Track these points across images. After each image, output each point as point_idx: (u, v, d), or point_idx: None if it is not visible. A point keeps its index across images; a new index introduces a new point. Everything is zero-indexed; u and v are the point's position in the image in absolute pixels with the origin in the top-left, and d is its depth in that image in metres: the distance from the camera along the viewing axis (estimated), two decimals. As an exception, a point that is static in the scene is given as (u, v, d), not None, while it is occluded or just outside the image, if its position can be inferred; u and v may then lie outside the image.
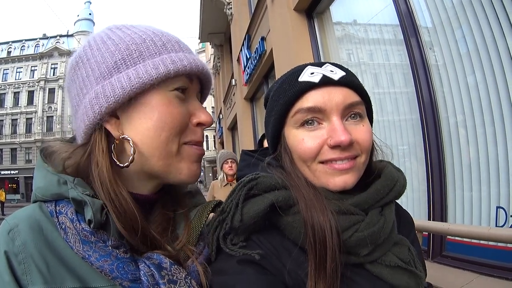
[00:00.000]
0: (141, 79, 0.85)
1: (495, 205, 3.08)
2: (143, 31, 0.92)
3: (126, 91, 0.84)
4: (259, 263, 0.87)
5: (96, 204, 0.80)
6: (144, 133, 0.87)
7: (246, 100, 12.40)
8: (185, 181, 0.96)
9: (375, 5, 4.71)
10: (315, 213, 0.88)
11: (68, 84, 0.95)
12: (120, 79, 0.85)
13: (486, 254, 3.02)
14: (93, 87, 0.87)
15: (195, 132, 0.95)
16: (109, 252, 0.80)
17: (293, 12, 6.33)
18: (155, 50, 0.90)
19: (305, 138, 0.95)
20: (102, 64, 0.88)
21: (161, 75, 0.86)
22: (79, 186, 0.82)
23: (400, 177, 1.02)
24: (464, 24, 3.32)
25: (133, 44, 0.89)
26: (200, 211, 1.00)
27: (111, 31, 0.94)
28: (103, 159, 0.86)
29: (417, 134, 3.87)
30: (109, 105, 0.84)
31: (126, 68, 0.86)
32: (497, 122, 3.06)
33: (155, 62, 0.87)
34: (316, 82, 0.94)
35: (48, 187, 0.85)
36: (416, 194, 3.92)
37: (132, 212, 0.84)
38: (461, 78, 3.39)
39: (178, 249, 0.90)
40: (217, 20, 16.02)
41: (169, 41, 0.93)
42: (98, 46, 0.91)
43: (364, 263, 0.91)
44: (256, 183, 0.93)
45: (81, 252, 0.79)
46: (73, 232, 0.80)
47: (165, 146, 0.89)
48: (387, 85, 4.68)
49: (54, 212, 0.83)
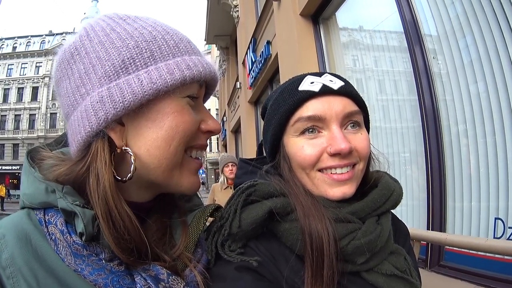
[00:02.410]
0: (155, 85, 0.77)
1: (493, 216, 3.08)
2: (153, 27, 0.84)
3: (138, 97, 0.76)
4: (257, 270, 0.87)
5: (87, 216, 0.74)
6: (152, 143, 0.80)
7: (250, 104, 12.41)
8: (185, 193, 0.93)
9: (380, 12, 4.71)
10: (313, 221, 0.89)
11: (58, 77, 0.85)
12: (130, 83, 0.76)
13: (483, 265, 3.00)
14: (95, 88, 0.78)
15: (200, 137, 0.90)
16: (103, 266, 0.75)
17: (299, 17, 6.34)
18: (168, 51, 0.82)
19: (305, 146, 0.96)
20: (107, 61, 0.78)
21: (177, 82, 0.79)
22: (68, 196, 0.76)
23: (396, 187, 1.03)
24: (468, 34, 3.32)
25: (143, 41, 0.80)
26: (198, 216, 0.94)
27: (113, 21, 0.84)
28: (106, 172, 0.77)
29: (419, 142, 3.87)
30: (116, 112, 0.76)
31: (136, 70, 0.78)
32: (498, 132, 3.06)
33: (169, 66, 0.79)
34: (316, 91, 0.96)
35: (35, 195, 0.79)
36: (416, 202, 3.91)
37: (134, 232, 0.78)
38: (463, 87, 3.39)
39: (175, 257, 0.85)
40: (223, 23, 16.04)
41: (181, 41, 0.85)
42: (100, 38, 0.80)
43: (360, 271, 0.92)
44: (255, 189, 0.94)
45: (73, 265, 0.74)
46: (63, 244, 0.74)
47: (173, 157, 0.82)
48: (390, 92, 4.68)
49: (43, 221, 0.77)
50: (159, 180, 0.84)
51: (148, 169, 0.82)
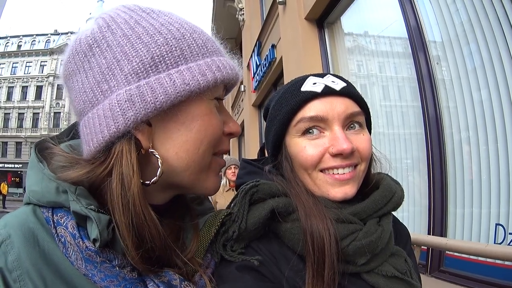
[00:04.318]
0: (188, 86, 0.73)
1: (494, 222, 3.08)
2: (179, 24, 0.79)
3: (170, 98, 0.72)
4: (258, 269, 0.87)
5: (102, 221, 0.69)
6: (181, 146, 0.77)
7: (254, 107, 12.37)
8: (208, 194, 0.91)
9: (385, 17, 4.73)
10: (314, 221, 0.89)
11: (71, 69, 0.79)
12: (161, 82, 0.72)
13: (484, 270, 3.01)
14: (122, 85, 0.73)
15: (224, 141, 0.87)
16: (116, 273, 0.71)
17: (304, 21, 6.35)
18: (197, 50, 0.78)
19: (307, 146, 0.96)
20: (134, 57, 0.73)
21: (209, 83, 0.76)
22: (82, 198, 0.71)
23: (398, 189, 1.04)
24: (472, 41, 3.33)
25: (173, 38, 0.76)
26: (209, 222, 0.91)
27: (136, 14, 0.79)
28: (134, 177, 0.72)
29: (421, 148, 3.88)
30: (147, 113, 0.71)
31: (167, 69, 0.74)
32: (500, 140, 3.07)
33: (201, 66, 0.76)
34: (319, 92, 0.96)
35: (44, 193, 0.74)
36: (417, 208, 3.91)
37: (159, 239, 0.74)
38: (466, 94, 3.40)
39: (186, 261, 0.81)
40: (228, 26, 16.02)
41: (208, 40, 0.82)
42: (124, 32, 0.75)
43: (361, 273, 0.92)
44: (257, 190, 0.94)
45: (83, 269, 0.70)
46: (74, 248, 0.70)
47: (201, 160, 0.80)
48: (394, 98, 4.69)
49: (51, 220, 0.73)
50: (183, 182, 0.82)
51: (174, 172, 0.79)
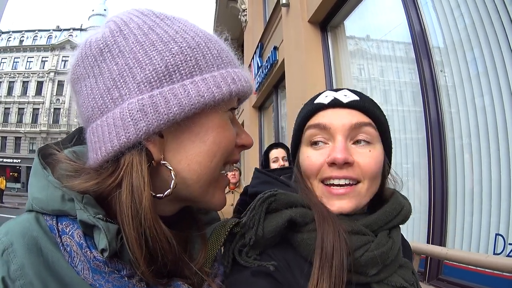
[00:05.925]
0: (202, 98, 0.71)
1: (494, 232, 3.07)
2: (194, 32, 0.77)
3: (184, 110, 0.70)
4: (273, 275, 0.87)
5: (111, 231, 0.67)
6: (194, 158, 0.75)
7: (254, 108, 12.42)
8: (215, 209, 0.88)
9: (389, 22, 4.73)
10: (329, 231, 0.90)
11: (80, 73, 0.76)
12: (175, 93, 0.70)
13: (482, 280, 2.99)
14: (133, 94, 0.71)
15: (235, 152, 0.85)
16: (125, 283, 0.70)
17: (307, 24, 6.36)
18: (212, 61, 0.76)
19: (310, 155, 1.00)
20: (147, 65, 0.71)
21: (225, 96, 0.74)
22: (90, 207, 0.69)
23: (406, 203, 1.06)
24: (476, 47, 3.32)
25: (188, 47, 0.74)
26: (217, 231, 0.90)
27: (149, 19, 0.77)
28: (145, 190, 0.70)
29: (422, 154, 3.87)
30: (159, 124, 0.69)
31: (181, 79, 0.72)
32: (502, 147, 3.06)
33: (216, 78, 0.74)
34: (326, 103, 1.01)
35: (49, 201, 0.72)
36: (416, 215, 3.89)
37: (171, 253, 0.74)
38: (469, 100, 3.39)
39: (196, 271, 0.80)
40: (231, 27, 16.05)
41: (222, 50, 0.80)
42: (137, 37, 0.73)
43: (371, 283, 0.93)
44: (275, 199, 0.95)
45: (89, 279, 0.68)
46: (81, 258, 0.68)
47: (212, 173, 0.78)
48: (395, 103, 4.69)
49: (55, 229, 0.71)
50: (193, 195, 0.80)
51: (185, 185, 0.77)
